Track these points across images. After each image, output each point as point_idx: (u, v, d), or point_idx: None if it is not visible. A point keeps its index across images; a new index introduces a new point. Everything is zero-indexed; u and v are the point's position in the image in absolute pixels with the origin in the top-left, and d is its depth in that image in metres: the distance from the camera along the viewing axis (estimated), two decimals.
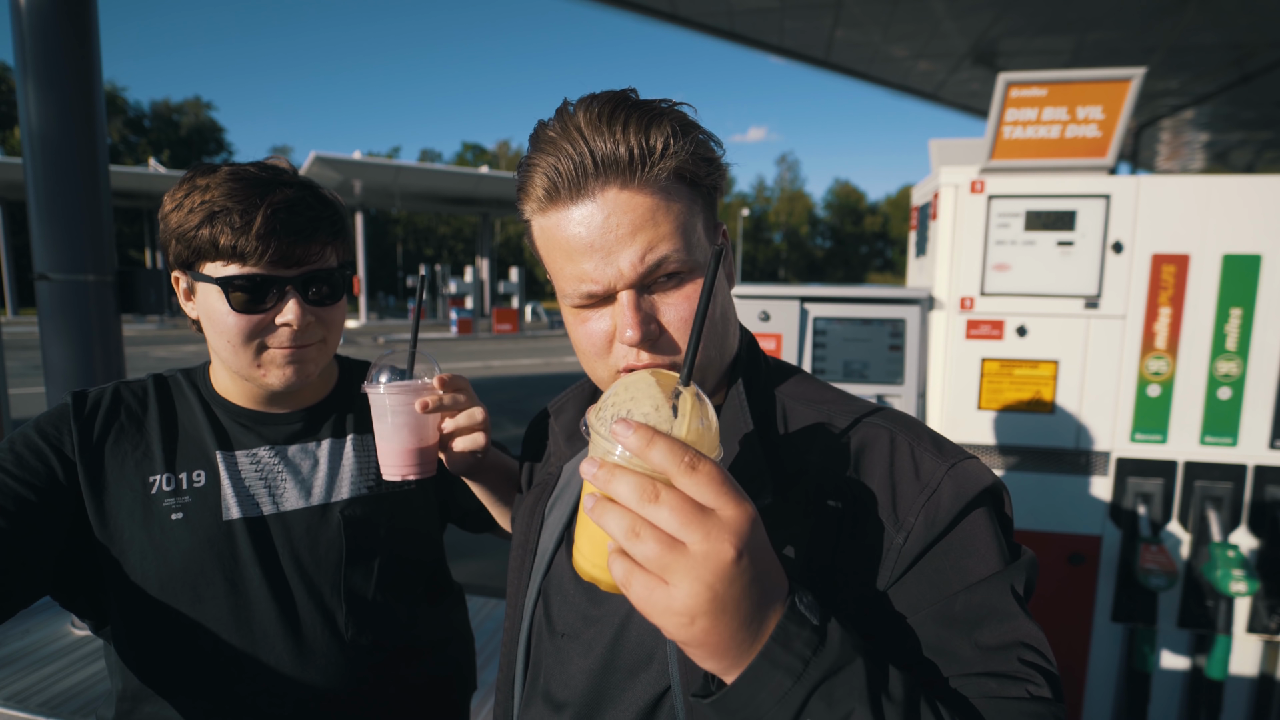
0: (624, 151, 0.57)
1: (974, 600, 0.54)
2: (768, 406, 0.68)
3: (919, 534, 0.56)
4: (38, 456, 0.85)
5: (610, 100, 0.59)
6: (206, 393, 0.97)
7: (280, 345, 0.88)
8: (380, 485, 1.01)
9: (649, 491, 0.42)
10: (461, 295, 26.42)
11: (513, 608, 0.77)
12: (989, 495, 0.59)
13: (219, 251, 0.83)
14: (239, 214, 0.82)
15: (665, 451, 0.42)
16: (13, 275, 26.82)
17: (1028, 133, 1.97)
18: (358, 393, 1.07)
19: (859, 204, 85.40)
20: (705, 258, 0.63)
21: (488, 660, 2.90)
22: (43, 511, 0.82)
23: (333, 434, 1.01)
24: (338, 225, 0.92)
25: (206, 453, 0.92)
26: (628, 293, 0.60)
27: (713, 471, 0.43)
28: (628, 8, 6.44)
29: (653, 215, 0.58)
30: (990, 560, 0.56)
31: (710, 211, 0.65)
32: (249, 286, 0.85)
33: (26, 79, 2.43)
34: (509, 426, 8.45)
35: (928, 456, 0.60)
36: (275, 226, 0.83)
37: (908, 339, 2.02)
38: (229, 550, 0.89)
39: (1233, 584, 1.75)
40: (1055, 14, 5.97)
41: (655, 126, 0.58)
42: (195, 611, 0.87)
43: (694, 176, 0.61)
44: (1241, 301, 1.86)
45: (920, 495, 0.58)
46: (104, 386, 0.94)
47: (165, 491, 0.89)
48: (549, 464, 0.82)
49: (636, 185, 0.58)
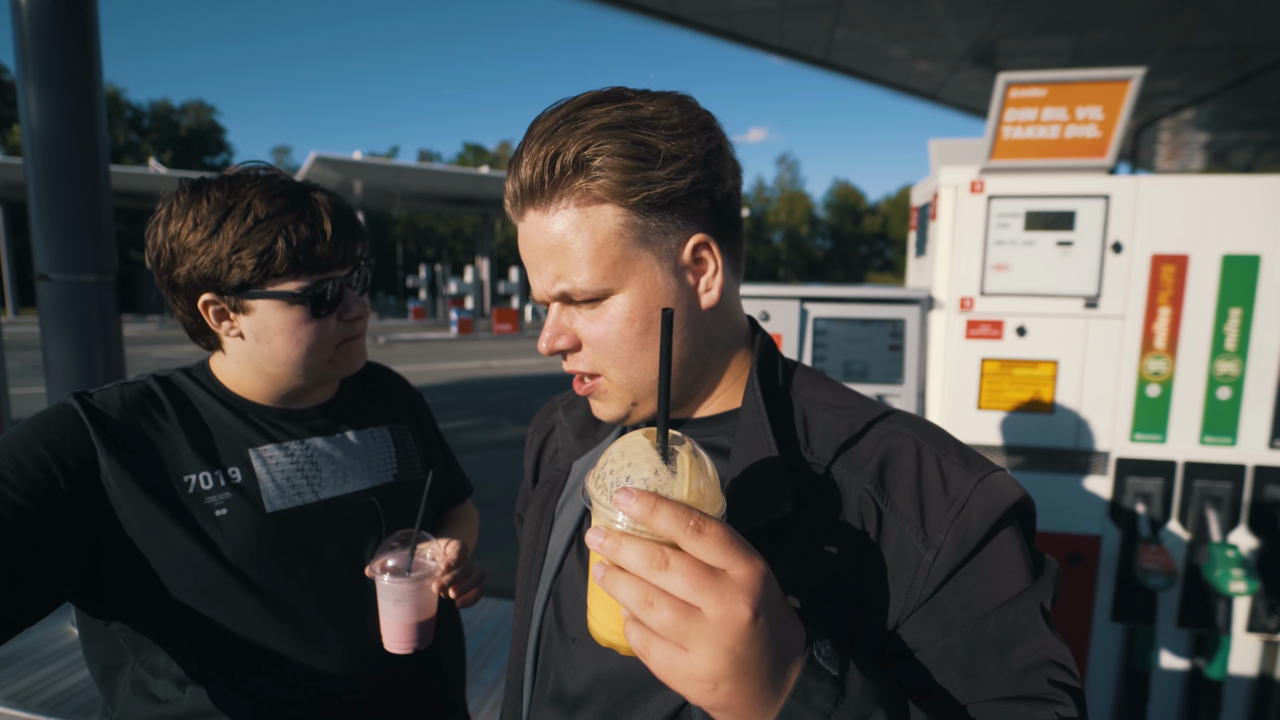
0: (535, 175, 0.57)
1: (1004, 621, 0.54)
2: (786, 410, 0.66)
3: (949, 552, 0.55)
4: (39, 465, 0.79)
5: (549, 114, 0.59)
6: (219, 391, 0.96)
7: (353, 337, 0.97)
8: (403, 473, 1.07)
9: (658, 559, 0.42)
10: (461, 295, 26.44)
11: (521, 609, 0.76)
12: (1017, 511, 0.58)
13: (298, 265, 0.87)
14: (307, 225, 0.88)
15: (670, 517, 0.42)
16: (13, 275, 26.82)
17: (1027, 133, 1.97)
18: (361, 388, 1.12)
19: (859, 204, 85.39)
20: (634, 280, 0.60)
21: (488, 660, 2.90)
22: (44, 522, 0.77)
23: (353, 425, 1.06)
24: (358, 225, 0.98)
25: (238, 449, 0.93)
26: (551, 306, 0.64)
27: (719, 532, 0.42)
28: (628, 8, 6.44)
29: (560, 241, 0.59)
30: (1019, 577, 0.55)
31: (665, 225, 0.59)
32: (327, 292, 0.91)
33: (27, 79, 2.43)
34: (509, 426, 8.45)
35: (955, 469, 0.59)
36: (340, 233, 0.90)
37: (907, 339, 2.03)
38: (278, 540, 0.91)
39: (1232, 584, 1.75)
40: (1055, 14, 5.97)
41: (565, 150, 0.56)
42: (247, 602, 0.87)
43: (622, 197, 0.57)
44: (1241, 301, 1.87)
45: (949, 511, 0.56)
46: (107, 388, 0.90)
47: (205, 490, 0.88)
48: (557, 460, 0.81)
49: (548, 209, 0.59)
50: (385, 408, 1.13)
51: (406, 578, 0.89)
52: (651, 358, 0.62)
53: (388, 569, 0.91)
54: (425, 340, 21.42)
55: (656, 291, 0.61)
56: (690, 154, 0.58)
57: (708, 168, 0.59)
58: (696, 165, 0.58)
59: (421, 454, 1.15)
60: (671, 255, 0.61)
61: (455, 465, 1.29)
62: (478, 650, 2.96)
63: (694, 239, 0.61)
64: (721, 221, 0.63)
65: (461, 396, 10.52)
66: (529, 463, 0.89)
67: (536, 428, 0.90)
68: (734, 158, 0.64)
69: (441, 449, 1.24)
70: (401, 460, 1.09)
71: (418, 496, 1.04)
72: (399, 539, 0.95)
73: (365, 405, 1.10)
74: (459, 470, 1.30)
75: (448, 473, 1.24)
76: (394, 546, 0.94)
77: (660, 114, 0.58)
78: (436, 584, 0.92)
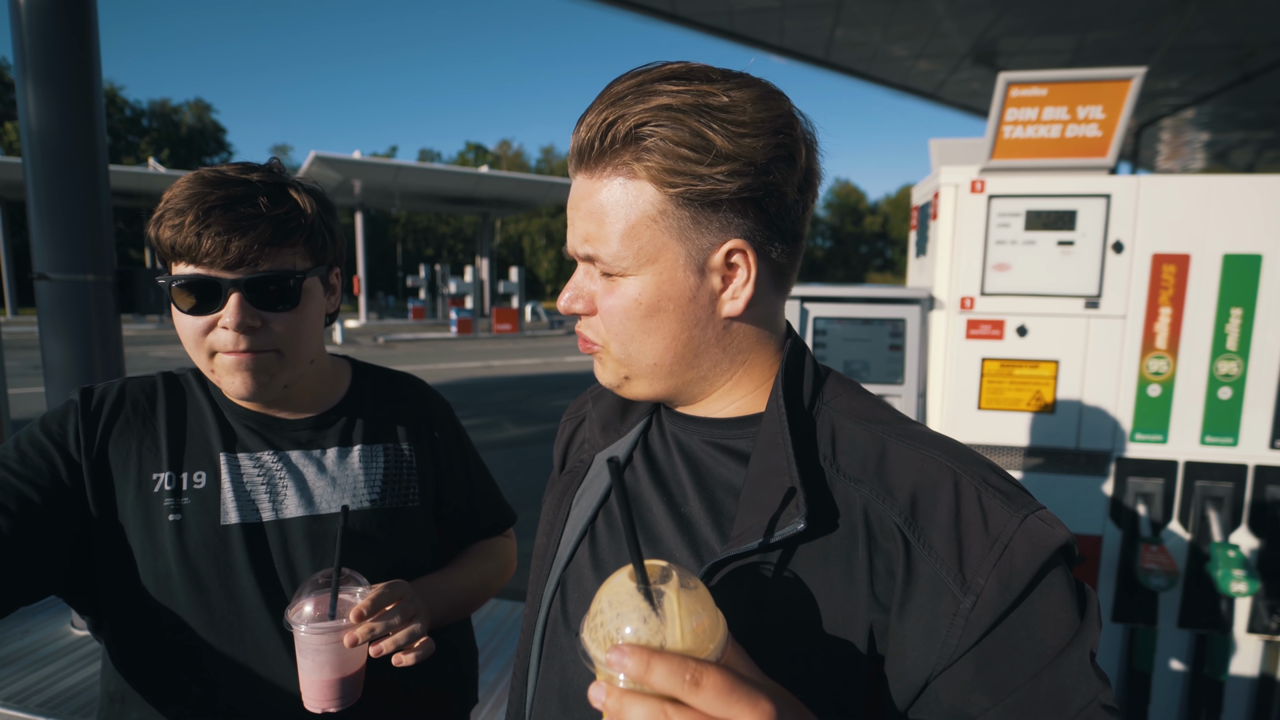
0: (588, 139, 0.57)
1: (1058, 679, 0.50)
2: (811, 422, 0.63)
3: (990, 599, 0.51)
4: (42, 454, 0.84)
5: (625, 79, 0.57)
6: (215, 392, 0.96)
7: (225, 350, 0.85)
8: (384, 499, 0.98)
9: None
10: (461, 295, 26.41)
11: (533, 595, 0.75)
12: (1064, 554, 0.54)
13: (171, 251, 0.83)
14: (179, 213, 0.81)
15: (666, 674, 0.41)
16: (13, 275, 26.82)
17: (1028, 132, 1.97)
18: (370, 400, 1.05)
19: (859, 204, 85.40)
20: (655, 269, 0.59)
21: (488, 660, 2.89)
22: (46, 510, 0.81)
23: (339, 442, 0.98)
24: (292, 226, 0.86)
25: (210, 453, 0.91)
26: (580, 264, 0.64)
27: (718, 682, 0.41)
28: (628, 8, 6.44)
29: (598, 209, 0.59)
30: (1065, 626, 0.51)
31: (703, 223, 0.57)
32: (190, 286, 0.83)
33: (26, 78, 2.43)
34: (509, 426, 8.44)
35: (996, 505, 0.54)
36: (209, 223, 0.80)
37: (908, 339, 2.02)
38: (224, 555, 0.87)
39: (1233, 584, 1.75)
40: (1055, 14, 5.97)
41: (620, 121, 0.55)
42: (188, 615, 0.85)
43: (663, 184, 0.55)
44: (1242, 301, 1.86)
45: (991, 553, 0.52)
46: (112, 382, 0.94)
47: (166, 491, 0.87)
48: (582, 450, 0.81)
49: (595, 174, 0.59)
50: (390, 424, 1.04)
51: (319, 627, 0.79)
52: (652, 344, 0.62)
53: (304, 616, 0.80)
54: (425, 340, 21.41)
55: (674, 285, 0.59)
56: (748, 157, 0.54)
57: (765, 175, 0.55)
58: (752, 170, 0.55)
59: (428, 478, 1.05)
60: (702, 254, 0.59)
61: (482, 493, 1.15)
62: (478, 650, 2.96)
63: (730, 244, 0.58)
64: (771, 231, 0.59)
65: (461, 396, 10.51)
66: (558, 451, 0.88)
67: (569, 417, 0.89)
68: (810, 167, 0.60)
69: (465, 473, 1.12)
70: (389, 485, 0.99)
71: (402, 524, 0.98)
72: (323, 579, 0.83)
73: (368, 420, 1.02)
74: (488, 499, 1.17)
75: (469, 501, 1.12)
76: (317, 587, 0.83)
77: (733, 106, 0.54)
78: (349, 639, 0.79)
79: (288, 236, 0.86)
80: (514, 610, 3.25)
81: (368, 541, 0.95)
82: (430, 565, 1.04)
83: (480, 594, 1.09)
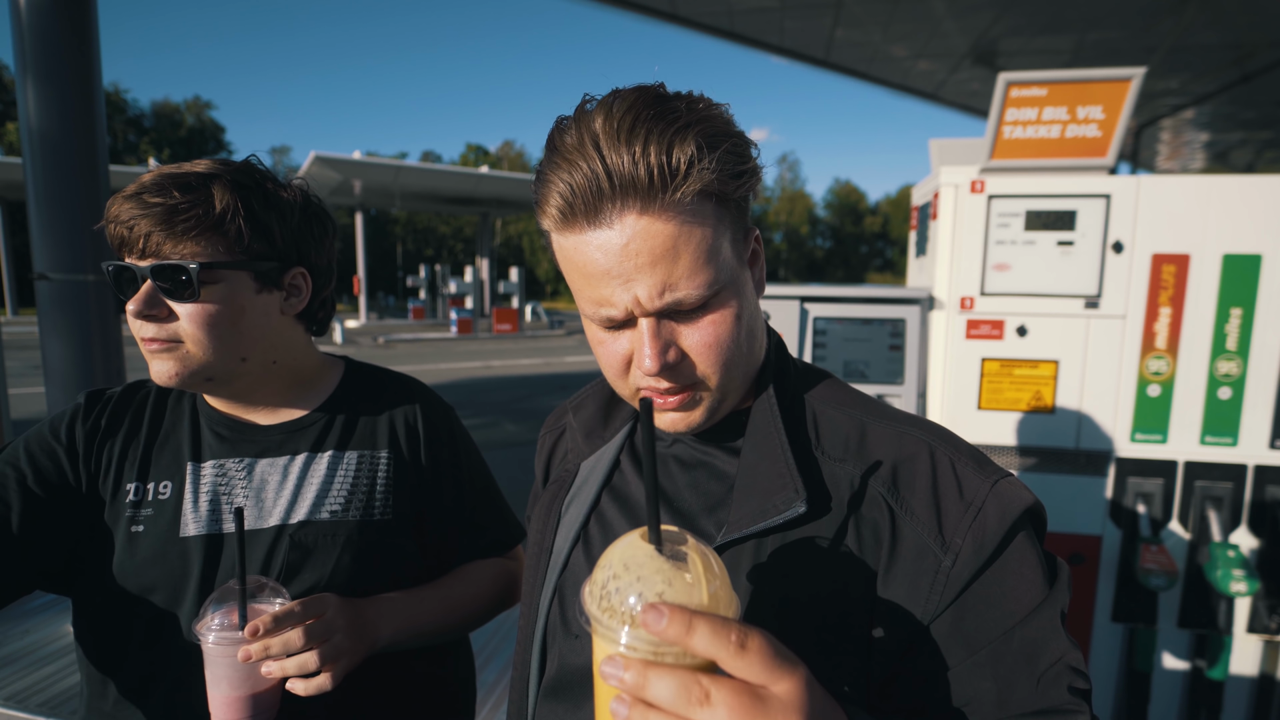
0: (643, 173, 0.51)
1: (1029, 633, 0.54)
2: (798, 411, 0.66)
3: (967, 558, 0.55)
4: (49, 456, 0.88)
5: (631, 108, 0.52)
6: (198, 399, 0.97)
7: (137, 336, 0.86)
8: (347, 510, 0.92)
9: (698, 693, 0.37)
10: (461, 295, 26.41)
11: (528, 606, 0.76)
12: (1030, 515, 0.58)
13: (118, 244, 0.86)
14: (114, 202, 0.84)
15: (709, 635, 0.37)
16: (13, 275, 26.82)
17: (1028, 133, 1.97)
18: (354, 404, 1.01)
19: (859, 204, 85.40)
20: (731, 276, 0.58)
21: (488, 660, 2.90)
22: (51, 508, 0.85)
23: (309, 448, 0.94)
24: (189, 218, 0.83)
25: (179, 462, 0.91)
26: (647, 321, 0.56)
27: (763, 646, 0.38)
28: (628, 8, 6.44)
29: (674, 245, 0.53)
30: (1038, 585, 0.55)
31: (740, 220, 0.60)
32: (111, 274, 0.86)
33: (26, 78, 2.43)
34: (509, 426, 8.44)
35: (969, 473, 0.59)
36: (121, 212, 0.83)
37: (908, 339, 2.02)
38: (181, 568, 0.85)
39: (1233, 584, 1.75)
40: (1055, 14, 5.97)
41: (679, 143, 0.51)
42: (150, 626, 0.85)
43: (721, 194, 0.55)
44: (1242, 301, 1.86)
45: (966, 515, 0.56)
46: (116, 389, 0.96)
47: (131, 502, 0.88)
48: (566, 460, 0.81)
49: (656, 210, 0.52)
50: (370, 431, 0.99)
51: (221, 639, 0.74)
52: (748, 356, 0.62)
53: (210, 626, 0.75)
54: (425, 340, 21.41)
55: (746, 287, 0.61)
56: (749, 148, 0.58)
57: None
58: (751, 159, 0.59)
59: (405, 490, 0.98)
60: (744, 250, 0.61)
61: (483, 508, 1.08)
62: (478, 650, 2.96)
63: (753, 233, 0.63)
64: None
65: (461, 396, 10.51)
66: (539, 465, 0.88)
67: (548, 430, 0.88)
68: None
69: (455, 486, 1.04)
70: (354, 494, 0.94)
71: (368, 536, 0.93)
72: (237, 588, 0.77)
73: (346, 425, 0.98)
74: (493, 515, 1.10)
75: (458, 516, 1.04)
76: (229, 597, 0.77)
77: (713, 109, 0.56)
78: (241, 654, 0.72)
79: (187, 228, 0.83)
80: (514, 610, 3.26)
81: (315, 555, 0.89)
82: (407, 583, 0.97)
83: (467, 618, 1.02)
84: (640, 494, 0.69)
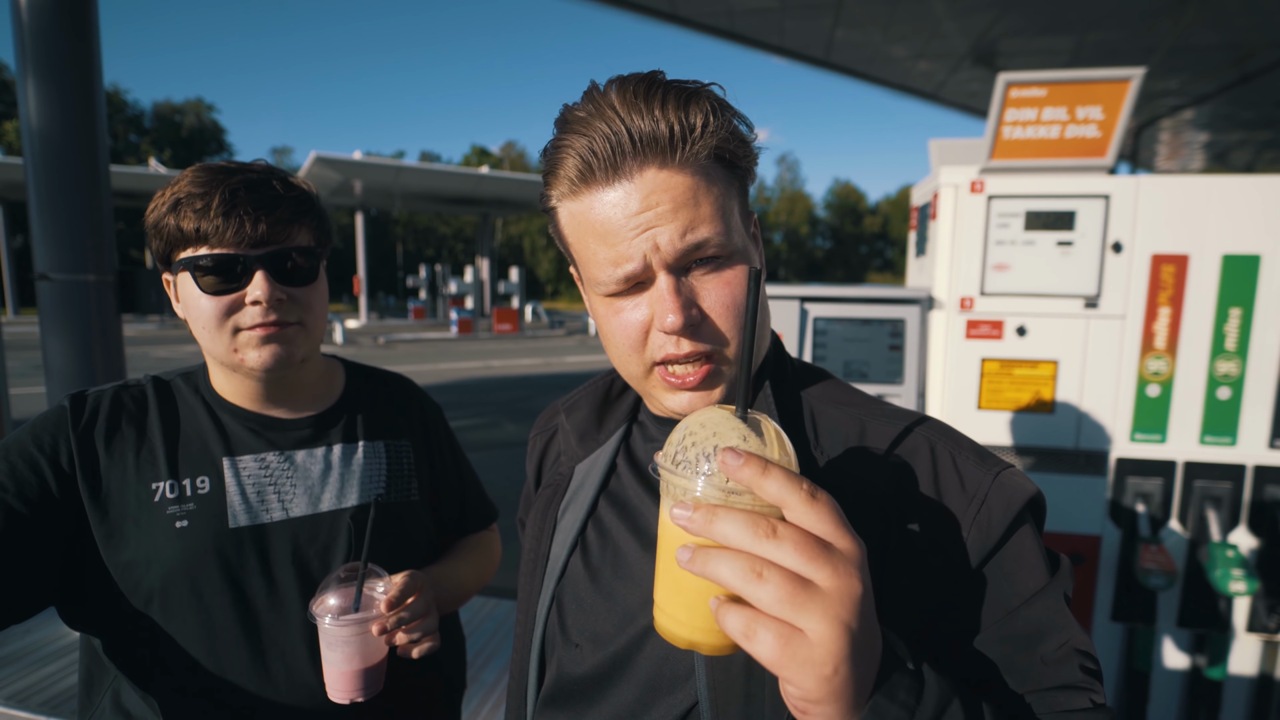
0: (664, 129, 0.54)
1: (1033, 616, 0.55)
2: (795, 408, 0.65)
3: (973, 549, 0.56)
4: (32, 468, 0.82)
5: (644, 79, 0.56)
6: (209, 395, 0.96)
7: (253, 324, 0.87)
8: (390, 493, 1.01)
9: (765, 527, 0.38)
10: (461, 295, 26.41)
11: (524, 614, 0.75)
12: (1032, 506, 0.59)
13: (185, 236, 0.85)
14: (199, 197, 0.84)
15: (782, 482, 0.38)
16: (13, 275, 26.83)
17: (1027, 133, 1.97)
18: (367, 398, 1.07)
19: (859, 204, 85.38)
20: (743, 243, 0.60)
21: (487, 660, 2.90)
22: (35, 525, 0.80)
23: (344, 439, 1.00)
24: (305, 206, 0.91)
25: (212, 458, 0.91)
26: (666, 277, 0.56)
27: (831, 501, 0.39)
28: (628, 8, 6.44)
29: (693, 195, 0.55)
30: (1040, 571, 0.56)
31: (744, 197, 0.62)
32: (215, 266, 0.85)
33: (27, 78, 2.43)
34: (509, 426, 8.45)
35: (970, 466, 0.59)
36: (235, 204, 0.84)
37: (907, 339, 2.03)
38: (236, 558, 0.88)
39: (1232, 584, 1.75)
40: (1055, 14, 5.97)
41: (694, 103, 0.55)
42: (200, 620, 0.86)
43: (732, 157, 0.58)
44: (1241, 301, 1.87)
45: (969, 507, 0.57)
46: (102, 389, 0.93)
47: (169, 499, 0.87)
48: (560, 464, 0.80)
49: (677, 164, 0.55)
50: (388, 421, 1.07)
51: (346, 619, 0.81)
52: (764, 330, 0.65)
53: (329, 609, 0.82)
54: (425, 340, 21.42)
55: (755, 262, 0.62)
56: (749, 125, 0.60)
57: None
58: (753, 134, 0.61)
59: (425, 474, 1.08)
60: (748, 225, 0.63)
61: (471, 488, 1.20)
62: (478, 650, 2.96)
63: (753, 217, 0.64)
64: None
65: (461, 396, 10.52)
66: (531, 467, 0.87)
67: (539, 432, 0.88)
68: None
69: (456, 470, 1.16)
70: (393, 480, 1.02)
71: (407, 517, 1.00)
72: (346, 573, 0.86)
73: (367, 417, 1.04)
74: (476, 494, 1.21)
75: (460, 497, 1.16)
76: (340, 581, 0.85)
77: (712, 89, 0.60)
78: (377, 626, 0.82)
79: (303, 215, 0.91)
80: (514, 610, 3.26)
81: (378, 534, 0.95)
82: (429, 558, 1.06)
83: (473, 586, 1.11)
84: (638, 499, 0.68)
